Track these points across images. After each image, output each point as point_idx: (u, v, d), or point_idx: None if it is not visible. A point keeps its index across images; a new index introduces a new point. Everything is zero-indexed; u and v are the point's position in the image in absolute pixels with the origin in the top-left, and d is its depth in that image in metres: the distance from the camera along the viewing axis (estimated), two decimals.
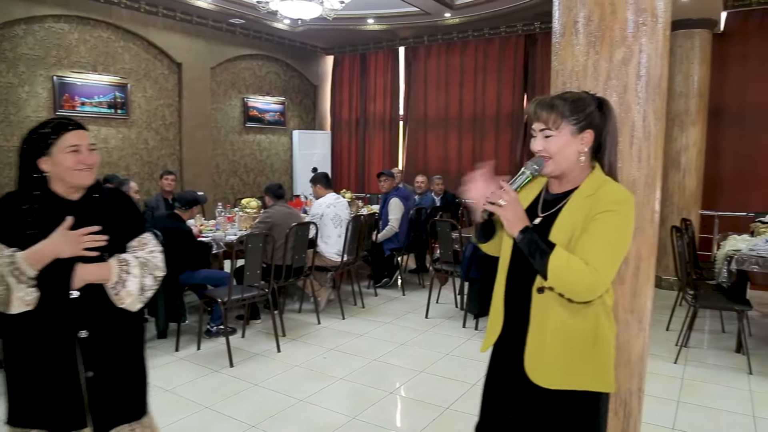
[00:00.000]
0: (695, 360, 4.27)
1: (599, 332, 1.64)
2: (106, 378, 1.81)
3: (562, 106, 1.61)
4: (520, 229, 1.56)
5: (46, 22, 6.46)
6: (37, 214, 1.73)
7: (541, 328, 1.64)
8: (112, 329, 1.83)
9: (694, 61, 6.19)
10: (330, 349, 4.54)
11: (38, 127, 1.79)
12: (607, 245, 1.54)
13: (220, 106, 8.74)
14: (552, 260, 1.50)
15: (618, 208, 1.56)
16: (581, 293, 1.55)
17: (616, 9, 2.04)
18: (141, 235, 1.94)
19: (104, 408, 1.81)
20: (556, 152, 1.63)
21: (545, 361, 1.63)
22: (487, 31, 8.65)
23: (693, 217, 6.24)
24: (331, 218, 5.57)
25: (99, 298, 1.78)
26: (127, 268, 1.82)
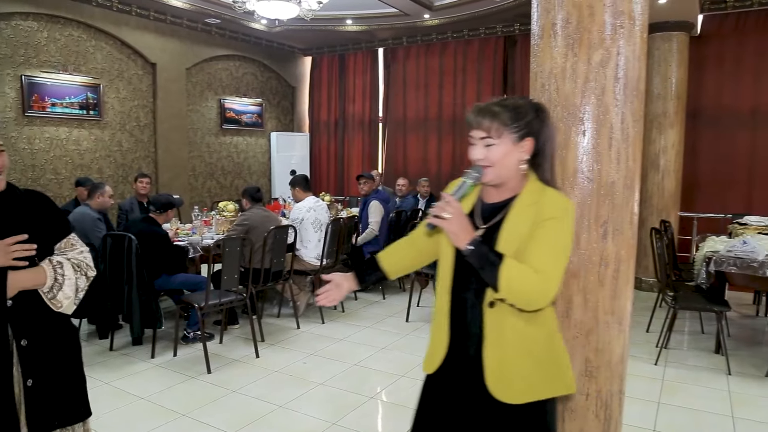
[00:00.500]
0: (675, 361, 4.30)
1: (552, 335, 1.66)
2: (46, 385, 1.76)
3: (503, 115, 1.58)
4: (467, 242, 1.51)
5: (14, 20, 6.29)
6: None
7: (498, 342, 1.60)
8: (48, 335, 1.78)
9: (671, 63, 6.25)
10: (310, 354, 4.48)
11: None
12: (554, 252, 1.54)
13: (196, 107, 8.62)
14: (503, 271, 1.48)
15: (561, 215, 1.57)
16: (534, 302, 1.53)
17: (594, 11, 2.04)
18: (68, 236, 1.89)
19: (42, 415, 1.76)
20: (497, 161, 1.60)
21: (510, 376, 1.60)
22: (467, 33, 8.65)
23: (672, 219, 6.31)
24: (312, 222, 5.51)
25: (33, 304, 1.73)
26: (61, 270, 1.78)
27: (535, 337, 1.61)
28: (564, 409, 2.20)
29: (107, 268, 4.40)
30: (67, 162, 6.92)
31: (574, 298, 2.14)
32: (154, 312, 4.46)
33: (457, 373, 1.70)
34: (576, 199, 2.11)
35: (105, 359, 4.35)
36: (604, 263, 2.11)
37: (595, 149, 2.08)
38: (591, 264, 2.11)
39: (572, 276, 2.14)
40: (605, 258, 2.11)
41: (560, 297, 2.17)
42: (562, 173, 2.13)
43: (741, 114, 6.87)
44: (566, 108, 2.11)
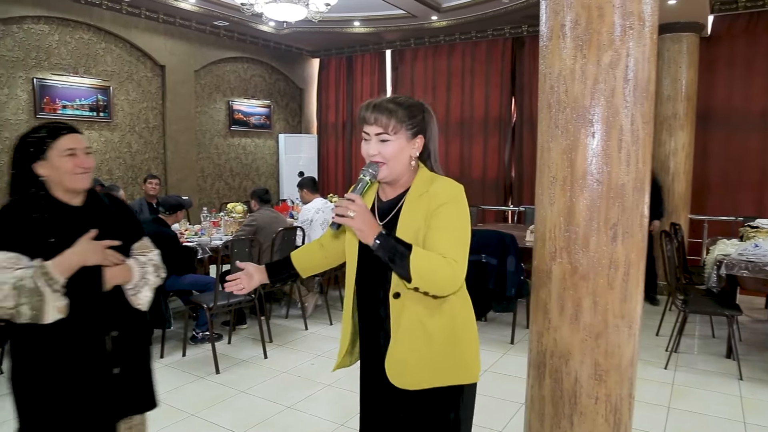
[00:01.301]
0: (685, 365, 4.26)
1: (457, 325, 1.69)
2: (129, 374, 1.92)
3: (399, 112, 1.63)
4: (374, 237, 1.53)
5: (25, 23, 6.35)
6: (49, 222, 1.75)
7: (401, 332, 1.66)
8: (131, 328, 1.94)
9: (681, 64, 6.21)
10: (317, 356, 4.48)
11: (32, 131, 1.81)
12: (455, 236, 1.59)
13: (204, 109, 8.65)
14: (413, 261, 1.51)
15: (452, 198, 1.62)
16: (445, 287, 1.57)
17: (603, 12, 2.03)
18: (142, 239, 2.03)
19: (125, 401, 1.92)
20: (391, 157, 1.65)
21: (406, 364, 1.65)
22: (475, 35, 8.63)
23: (682, 222, 6.26)
24: (320, 224, 5.51)
25: (118, 299, 1.88)
26: (145, 270, 1.94)
27: (437, 326, 1.65)
28: (573, 412, 2.19)
29: None
30: None
31: (584, 300, 2.13)
32: (163, 312, 4.47)
33: (369, 364, 1.79)
34: (585, 201, 2.10)
35: None
36: (613, 266, 2.10)
37: (605, 151, 2.07)
38: (600, 267, 2.10)
39: (581, 278, 2.13)
40: (615, 261, 2.10)
41: (569, 299, 2.16)
42: (570, 175, 2.12)
43: (752, 116, 6.80)
44: (575, 110, 2.10)
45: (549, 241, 2.21)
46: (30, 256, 1.70)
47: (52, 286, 1.67)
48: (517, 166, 8.58)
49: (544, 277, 2.25)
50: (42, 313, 1.67)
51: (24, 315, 1.66)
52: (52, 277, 1.67)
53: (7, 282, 1.64)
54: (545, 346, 2.25)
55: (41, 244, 1.71)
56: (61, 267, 1.69)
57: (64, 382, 1.77)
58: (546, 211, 2.23)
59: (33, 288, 1.65)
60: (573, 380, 2.18)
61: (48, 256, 1.70)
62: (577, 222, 2.12)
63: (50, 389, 1.77)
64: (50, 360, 1.77)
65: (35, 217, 1.74)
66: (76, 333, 1.77)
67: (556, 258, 2.19)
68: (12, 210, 1.75)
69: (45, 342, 1.75)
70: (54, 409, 1.77)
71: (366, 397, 1.87)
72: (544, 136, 2.23)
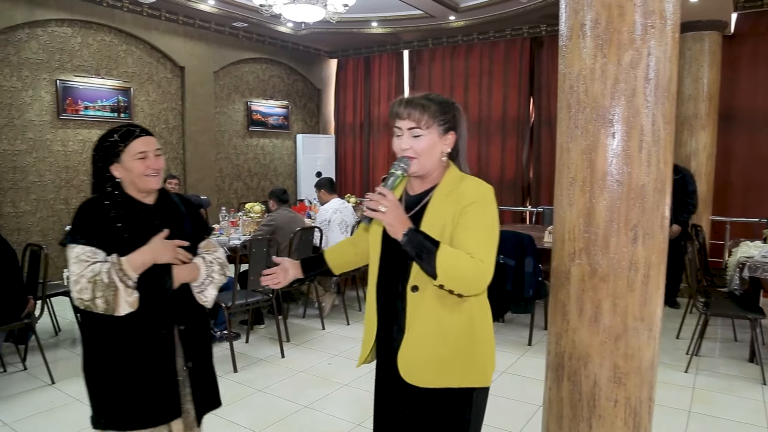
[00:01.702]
0: (707, 369, 4.20)
1: (474, 327, 1.67)
2: (201, 368, 2.00)
3: (432, 107, 1.66)
4: (403, 232, 1.54)
5: (49, 27, 6.46)
6: (126, 220, 1.86)
7: (416, 327, 1.65)
8: (197, 324, 2.02)
9: (703, 63, 6.12)
10: (334, 355, 4.50)
11: (107, 134, 1.90)
12: (483, 235, 1.59)
13: (223, 110, 8.72)
14: (440, 258, 1.51)
15: (481, 198, 1.62)
16: (471, 287, 1.57)
17: (624, 11, 2.01)
18: (208, 238, 2.12)
19: (202, 395, 2.00)
20: (423, 152, 1.66)
21: (419, 360, 1.65)
22: (493, 34, 8.60)
23: (704, 223, 6.16)
24: (338, 224, 5.53)
25: (187, 296, 1.96)
26: (212, 269, 2.02)
27: (453, 325, 1.64)
28: (592, 415, 2.17)
29: None
30: None
31: (603, 302, 2.11)
32: None
33: (383, 358, 1.80)
34: (605, 202, 2.08)
35: None
36: (633, 268, 2.08)
37: (625, 152, 2.04)
38: (620, 268, 2.08)
39: (601, 280, 2.11)
40: (635, 263, 2.08)
41: (588, 301, 2.14)
42: (590, 176, 2.10)
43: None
44: (595, 110, 2.08)
45: (568, 242, 2.19)
46: (105, 251, 1.81)
47: (126, 282, 1.77)
48: (535, 166, 8.53)
49: (562, 278, 2.23)
50: (115, 306, 1.77)
51: (99, 307, 1.76)
52: (126, 273, 1.78)
53: (85, 275, 1.75)
54: (564, 348, 2.24)
55: (116, 240, 1.83)
56: (135, 264, 1.80)
57: (133, 372, 1.86)
58: (565, 212, 2.21)
59: (108, 282, 1.75)
60: (592, 383, 2.16)
61: (122, 251, 1.81)
62: (597, 223, 2.10)
63: (121, 379, 1.86)
64: (120, 351, 1.86)
65: (112, 215, 1.85)
66: (146, 325, 1.86)
67: (575, 259, 2.17)
68: (91, 206, 1.87)
69: (116, 333, 1.84)
70: (125, 398, 1.86)
71: (379, 392, 1.87)
72: (564, 136, 2.21)
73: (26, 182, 6.41)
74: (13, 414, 3.44)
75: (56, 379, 3.92)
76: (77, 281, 1.75)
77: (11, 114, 6.21)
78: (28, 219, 6.47)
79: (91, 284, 1.74)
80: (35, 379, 3.97)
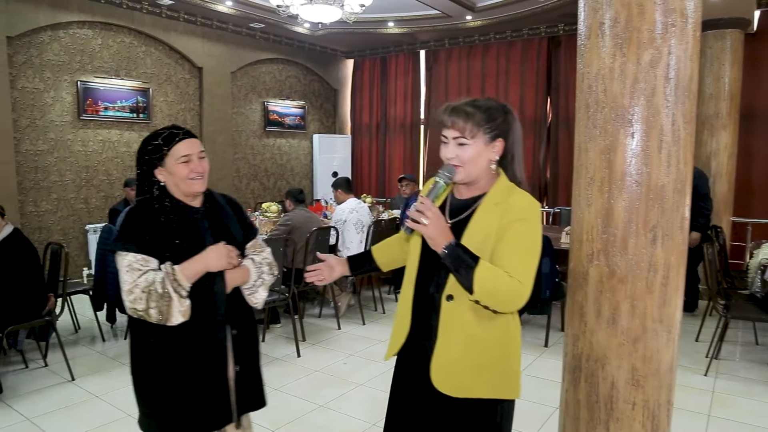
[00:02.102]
0: (726, 373, 4.14)
1: (508, 340, 1.67)
2: (249, 371, 1.98)
3: (477, 115, 1.61)
4: (444, 245, 1.54)
5: (71, 29, 6.55)
6: (175, 225, 1.84)
7: (449, 336, 1.64)
8: (248, 327, 2.00)
9: (725, 62, 6.03)
10: (350, 355, 4.51)
11: (151, 138, 1.87)
12: (524, 254, 1.57)
13: (240, 110, 8.78)
14: (478, 274, 1.50)
15: (528, 216, 1.59)
16: (506, 306, 1.57)
17: (644, 10, 1.98)
18: (255, 238, 2.09)
19: (246, 398, 1.98)
20: (469, 161, 1.63)
21: (452, 370, 1.63)
22: (510, 34, 8.56)
23: (724, 224, 6.07)
24: (354, 224, 5.54)
25: (238, 299, 1.95)
26: (260, 269, 1.99)
27: (487, 338, 1.63)
28: (609, 418, 2.15)
29: None
30: (118, 163, 7.16)
31: (621, 304, 2.09)
32: None
33: (411, 362, 1.76)
34: (624, 203, 2.06)
35: None
36: (652, 269, 2.05)
37: (644, 152, 2.02)
38: (639, 270, 2.06)
39: (619, 282, 2.09)
40: (654, 264, 2.05)
41: (606, 303, 2.12)
42: (609, 176, 2.08)
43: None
44: (614, 109, 2.06)
45: (586, 243, 2.18)
46: (156, 257, 1.79)
47: (179, 292, 1.75)
48: (552, 166, 8.47)
49: (580, 279, 2.21)
50: (168, 316, 1.75)
51: (152, 317, 1.74)
52: (180, 283, 1.76)
53: (139, 285, 1.74)
54: (581, 349, 2.22)
55: (167, 246, 1.81)
56: (189, 273, 1.78)
57: (183, 378, 1.83)
58: (583, 213, 2.19)
59: (162, 293, 1.73)
60: (609, 385, 2.14)
61: (173, 257, 1.80)
62: (615, 224, 2.08)
63: (173, 385, 1.84)
64: (172, 356, 1.83)
65: (162, 220, 1.83)
66: (199, 331, 1.84)
67: (593, 260, 2.15)
68: (139, 212, 1.85)
69: (169, 339, 1.82)
70: (178, 405, 1.84)
71: (397, 392, 1.85)
72: (582, 136, 2.20)
73: (47, 182, 6.51)
74: (34, 409, 3.50)
75: (76, 376, 3.98)
76: (131, 291, 1.73)
77: (33, 115, 6.32)
78: (49, 218, 6.57)
79: (145, 294, 1.72)
80: (56, 375, 4.04)
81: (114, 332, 5.06)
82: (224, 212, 1.99)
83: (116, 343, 4.77)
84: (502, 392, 1.67)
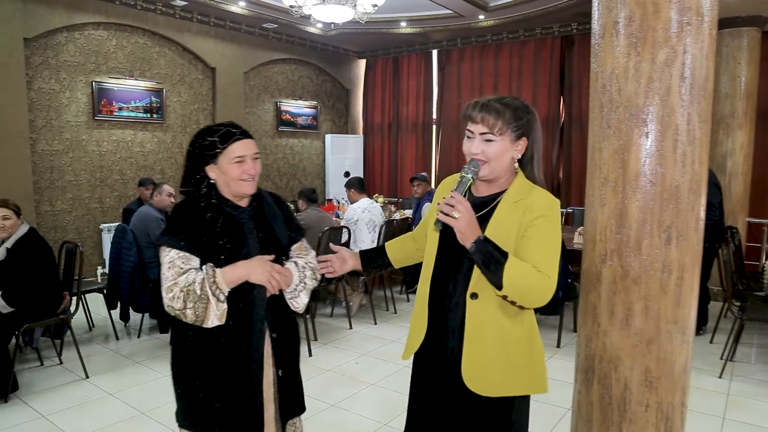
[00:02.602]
0: (742, 375, 4.09)
1: (534, 336, 1.69)
2: (290, 376, 1.94)
3: (507, 113, 1.62)
4: (473, 240, 1.53)
5: (86, 30, 6.62)
6: (221, 224, 1.81)
7: (478, 335, 1.63)
8: (290, 331, 1.96)
9: (741, 61, 5.96)
10: (362, 355, 4.51)
11: (206, 133, 1.83)
12: (549, 250, 1.59)
13: (253, 110, 8.82)
14: (507, 269, 1.50)
15: (550, 213, 1.61)
16: (535, 300, 1.56)
17: (659, 8, 1.97)
18: (300, 241, 2.03)
19: (287, 403, 1.93)
20: (494, 157, 1.63)
21: (484, 369, 1.63)
22: (522, 33, 8.52)
23: (740, 225, 6.01)
24: (366, 223, 5.55)
25: (280, 303, 1.90)
26: (304, 274, 1.94)
27: (515, 334, 1.64)
28: (622, 419, 2.14)
29: None
30: (132, 163, 7.22)
31: (635, 305, 2.08)
32: None
33: (433, 361, 1.74)
34: (638, 203, 2.05)
35: (165, 353, 4.50)
36: (667, 270, 2.04)
37: (659, 152, 2.01)
38: (653, 270, 2.04)
39: (633, 282, 2.07)
40: (668, 265, 2.04)
41: (620, 303, 2.11)
42: (623, 176, 2.07)
43: None
44: (628, 109, 2.05)
45: (599, 244, 2.16)
46: (199, 256, 1.77)
47: (217, 296, 1.72)
48: (565, 166, 8.43)
49: (593, 280, 2.20)
50: (204, 318, 1.73)
51: (188, 317, 1.72)
52: (219, 287, 1.73)
53: (179, 283, 1.71)
54: (594, 350, 2.20)
55: (211, 245, 1.78)
56: (229, 278, 1.75)
57: (217, 378, 1.80)
58: (596, 213, 2.18)
59: (200, 294, 1.71)
60: (622, 386, 2.13)
61: (216, 257, 1.77)
62: (629, 224, 2.07)
63: (204, 383, 1.81)
64: (206, 355, 1.80)
65: (207, 218, 1.80)
66: (234, 334, 1.80)
67: (606, 261, 2.14)
68: (186, 209, 1.82)
69: (204, 337, 1.79)
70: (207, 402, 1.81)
71: (419, 394, 1.82)
72: (596, 136, 2.18)
73: (62, 181, 6.58)
74: (49, 406, 3.54)
75: (90, 374, 4.02)
76: (170, 288, 1.72)
77: (49, 115, 6.39)
78: (64, 217, 6.64)
79: (183, 294, 1.70)
80: (70, 373, 4.08)
81: (127, 331, 5.10)
82: (271, 213, 1.94)
83: (129, 342, 4.81)
84: (532, 388, 1.69)
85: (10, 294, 3.61)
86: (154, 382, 3.92)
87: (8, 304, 3.60)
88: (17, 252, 3.65)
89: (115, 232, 5.12)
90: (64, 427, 3.28)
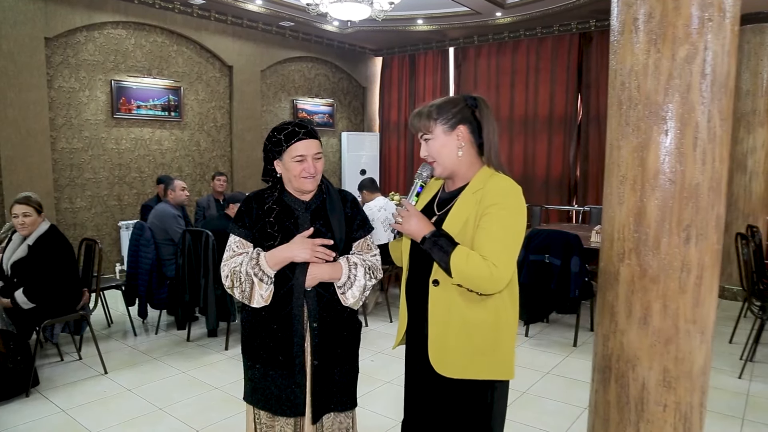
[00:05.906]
0: (762, 376, 4.03)
1: (501, 322, 1.73)
2: (328, 367, 1.97)
3: (430, 111, 1.76)
4: (421, 237, 1.68)
5: (105, 29, 6.70)
6: (277, 214, 1.95)
7: (440, 319, 1.73)
8: (335, 323, 1.98)
9: (763, 57, 5.87)
10: (377, 352, 4.52)
11: (276, 130, 1.97)
12: (499, 238, 1.63)
13: (269, 108, 8.86)
14: (453, 259, 1.61)
15: (503, 200, 1.66)
16: (485, 287, 1.63)
17: (679, 4, 1.94)
18: (365, 237, 2.07)
19: (322, 394, 1.96)
20: (437, 153, 1.76)
21: (448, 351, 1.72)
22: (540, 30, 8.45)
23: (760, 224, 5.91)
24: (382, 221, 5.55)
25: (328, 294, 1.95)
26: (355, 271, 1.96)
27: (478, 319, 1.70)
28: (640, 419, 2.12)
29: (185, 263, 4.60)
30: (150, 161, 7.30)
31: (653, 304, 2.06)
32: (228, 306, 4.63)
33: (414, 348, 1.87)
34: (657, 201, 2.02)
35: (182, 349, 4.55)
36: (686, 269, 2.01)
37: (678, 150, 1.98)
38: (672, 269, 2.02)
39: (651, 281, 2.05)
40: (687, 264, 2.01)
41: (638, 303, 2.09)
42: (641, 174, 2.05)
43: None
44: (648, 106, 2.02)
45: (617, 242, 2.14)
46: (256, 243, 1.93)
47: (261, 277, 1.85)
48: (582, 164, 8.35)
49: (611, 279, 2.18)
50: (250, 299, 1.88)
51: (236, 295, 1.91)
52: (261, 268, 1.86)
53: (228, 265, 1.91)
54: (611, 350, 2.19)
55: (263, 234, 1.93)
56: (273, 260, 1.86)
57: (262, 356, 1.95)
58: (614, 211, 2.16)
59: (246, 275, 1.86)
60: (640, 386, 2.11)
61: (266, 242, 1.91)
62: (648, 223, 2.05)
63: (254, 358, 1.97)
64: (255, 333, 1.96)
65: (265, 208, 1.96)
66: (274, 317, 1.92)
67: (624, 260, 2.12)
68: (253, 199, 2.00)
69: (254, 314, 1.95)
70: (254, 377, 1.98)
71: (408, 378, 1.95)
72: (614, 133, 2.16)
73: (82, 179, 6.67)
74: (69, 401, 3.60)
75: (109, 369, 4.07)
76: (223, 268, 1.92)
77: (69, 113, 6.48)
78: (84, 215, 6.73)
79: (231, 273, 1.89)
80: (89, 368, 4.14)
81: (145, 327, 5.16)
82: (332, 208, 1.99)
83: (147, 338, 4.87)
84: (496, 373, 1.74)
85: (31, 290, 3.67)
86: (171, 378, 3.96)
87: (29, 300, 3.67)
88: (38, 249, 3.71)
89: (133, 229, 5.18)
90: (84, 422, 3.33)
